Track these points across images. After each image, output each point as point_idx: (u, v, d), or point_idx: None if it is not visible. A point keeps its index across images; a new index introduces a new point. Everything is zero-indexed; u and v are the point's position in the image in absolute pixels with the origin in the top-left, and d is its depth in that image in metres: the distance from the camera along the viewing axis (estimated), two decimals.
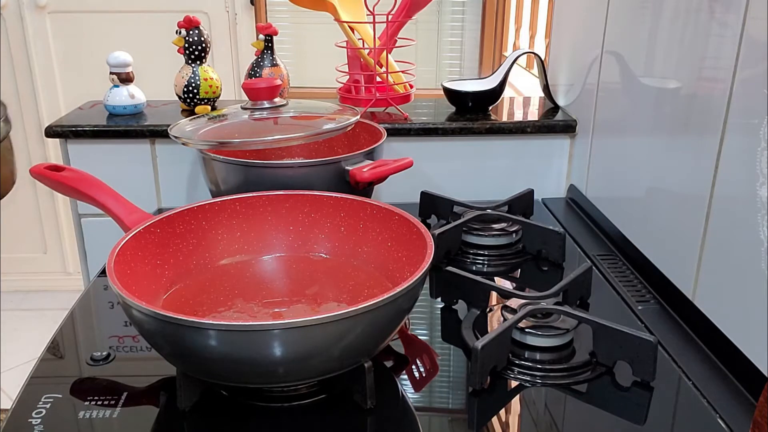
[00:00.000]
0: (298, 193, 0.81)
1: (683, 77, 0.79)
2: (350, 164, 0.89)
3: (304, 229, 0.81)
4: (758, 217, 0.64)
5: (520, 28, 2.45)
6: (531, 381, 0.66)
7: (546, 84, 1.25)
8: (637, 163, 0.91)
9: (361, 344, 0.59)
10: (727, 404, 0.63)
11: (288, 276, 0.78)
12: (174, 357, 0.60)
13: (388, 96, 1.16)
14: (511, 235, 0.93)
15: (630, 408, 0.63)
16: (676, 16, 0.80)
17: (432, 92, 1.59)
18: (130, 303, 0.56)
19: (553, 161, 1.18)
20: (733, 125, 0.68)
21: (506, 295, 0.76)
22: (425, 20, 2.81)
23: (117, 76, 1.16)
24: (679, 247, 0.78)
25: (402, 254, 0.73)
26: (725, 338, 0.69)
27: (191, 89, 1.15)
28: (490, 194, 1.11)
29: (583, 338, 0.70)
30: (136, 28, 2.37)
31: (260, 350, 0.55)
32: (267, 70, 1.19)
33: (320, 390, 0.64)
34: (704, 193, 0.73)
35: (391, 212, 0.75)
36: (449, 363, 0.72)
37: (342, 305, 0.71)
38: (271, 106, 0.89)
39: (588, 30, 1.08)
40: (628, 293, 0.83)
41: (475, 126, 1.14)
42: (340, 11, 1.13)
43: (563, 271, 0.89)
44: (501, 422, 0.63)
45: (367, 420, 0.61)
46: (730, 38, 0.68)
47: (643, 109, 0.89)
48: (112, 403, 0.62)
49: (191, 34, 1.14)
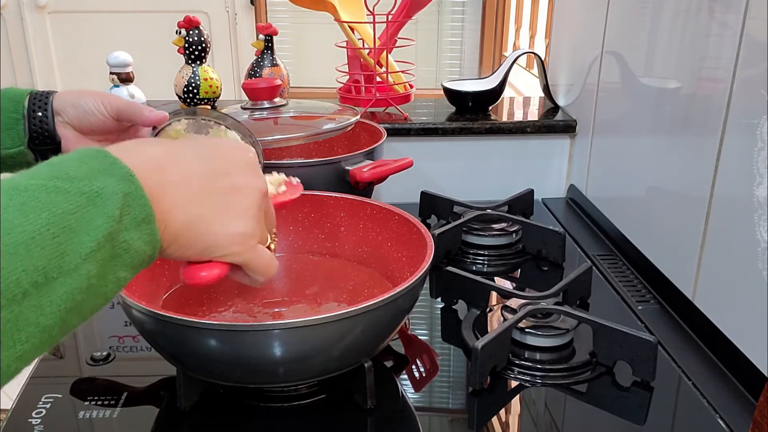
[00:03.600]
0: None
1: (683, 77, 0.79)
2: (350, 164, 0.89)
3: (304, 229, 0.81)
4: (755, 217, 0.64)
5: (520, 28, 2.45)
6: (531, 381, 0.66)
7: (546, 84, 1.25)
8: (637, 163, 0.91)
9: (361, 344, 0.59)
10: (727, 404, 0.63)
11: (288, 276, 0.78)
12: (174, 357, 0.60)
13: (388, 96, 1.16)
14: (511, 235, 0.93)
15: (630, 408, 0.63)
16: (676, 16, 0.80)
17: (432, 92, 1.59)
18: (130, 303, 0.56)
19: (553, 161, 1.18)
20: (733, 125, 0.68)
21: (506, 295, 0.76)
22: (425, 20, 2.81)
23: (117, 76, 1.16)
24: (679, 247, 0.78)
25: (402, 254, 0.73)
26: (725, 338, 0.69)
27: (191, 89, 1.15)
28: (490, 194, 1.11)
29: (583, 338, 0.70)
30: (136, 28, 2.38)
31: (260, 350, 0.55)
32: (267, 70, 1.19)
33: (320, 390, 0.64)
34: (704, 193, 0.73)
35: (391, 212, 0.75)
36: (449, 363, 0.72)
37: (342, 305, 0.71)
38: (271, 106, 0.89)
39: (588, 30, 1.08)
40: (628, 293, 0.83)
41: (475, 126, 1.14)
42: (340, 11, 1.13)
43: (563, 271, 0.89)
44: (501, 422, 0.63)
45: (367, 420, 0.61)
46: (730, 38, 0.68)
47: (643, 109, 0.89)
48: (112, 403, 0.62)
49: (191, 34, 1.14)
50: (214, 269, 0.43)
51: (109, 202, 0.34)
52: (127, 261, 0.36)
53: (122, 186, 0.35)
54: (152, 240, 0.37)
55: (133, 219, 0.36)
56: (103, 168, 0.35)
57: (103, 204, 0.34)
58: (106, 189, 0.34)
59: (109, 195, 0.34)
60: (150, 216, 0.37)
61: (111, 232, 0.34)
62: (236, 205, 0.42)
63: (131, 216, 0.36)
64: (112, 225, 0.34)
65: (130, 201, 0.36)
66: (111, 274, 0.35)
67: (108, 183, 0.35)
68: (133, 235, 0.36)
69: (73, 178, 0.34)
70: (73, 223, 0.33)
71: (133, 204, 0.36)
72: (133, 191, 0.36)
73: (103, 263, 0.34)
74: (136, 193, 0.36)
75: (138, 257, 0.37)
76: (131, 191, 0.36)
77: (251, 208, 0.43)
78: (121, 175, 0.36)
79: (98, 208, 0.34)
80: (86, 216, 0.33)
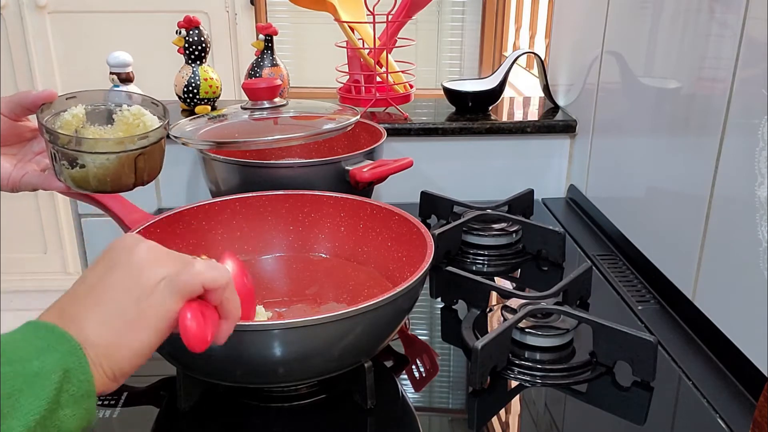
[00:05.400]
0: (298, 193, 0.81)
1: (683, 77, 0.79)
2: (350, 164, 0.89)
3: (304, 229, 0.81)
4: (756, 217, 0.64)
5: (520, 28, 2.45)
6: (531, 381, 0.66)
7: (546, 84, 1.25)
8: (637, 163, 0.91)
9: (361, 344, 0.59)
10: (727, 404, 0.63)
11: (288, 276, 0.78)
12: (174, 357, 0.60)
13: (388, 96, 1.16)
14: (511, 235, 0.93)
15: (630, 408, 0.63)
16: (676, 16, 0.80)
17: (432, 92, 1.59)
18: None
19: (553, 161, 1.18)
20: (733, 125, 0.68)
21: (506, 295, 0.76)
22: (425, 20, 2.81)
23: (117, 76, 1.16)
24: (679, 247, 0.78)
25: (402, 254, 0.73)
26: (725, 338, 0.69)
27: (191, 89, 1.15)
28: (490, 194, 1.11)
29: (583, 338, 0.70)
30: (136, 28, 2.37)
31: (260, 350, 0.55)
32: (267, 70, 1.19)
33: (320, 390, 0.64)
34: (704, 193, 0.73)
35: (391, 212, 0.75)
36: (449, 363, 0.72)
37: (342, 305, 0.71)
38: (271, 106, 0.89)
39: (588, 30, 1.08)
40: (628, 293, 0.83)
41: (475, 126, 1.14)
42: (340, 11, 1.13)
43: (563, 271, 0.89)
44: (501, 422, 0.63)
45: (367, 420, 0.61)
46: (730, 38, 0.68)
47: (643, 109, 0.89)
48: (112, 403, 0.62)
49: (191, 34, 1.14)
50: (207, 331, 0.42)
51: (47, 384, 0.34)
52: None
53: (65, 362, 0.35)
54: (89, 414, 0.37)
55: (71, 396, 0.35)
56: (48, 344, 0.35)
57: (40, 386, 0.33)
58: (45, 368, 0.34)
59: (48, 375, 0.34)
60: (90, 390, 0.36)
61: (44, 414, 0.34)
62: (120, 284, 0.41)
63: (69, 393, 0.35)
64: (46, 407, 0.34)
65: (71, 377, 0.35)
66: None
67: (49, 361, 0.34)
68: (69, 412, 0.35)
69: (13, 361, 0.34)
70: (7, 408, 0.32)
71: (73, 380, 0.35)
72: (76, 367, 0.35)
73: None
74: (80, 368, 0.36)
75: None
76: (74, 367, 0.35)
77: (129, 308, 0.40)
78: (67, 350, 0.35)
79: (34, 390, 0.33)
80: (21, 400, 0.33)
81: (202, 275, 0.42)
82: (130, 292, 0.40)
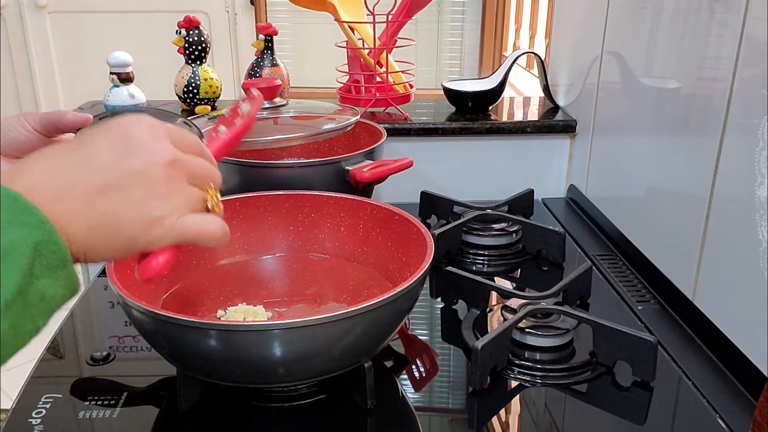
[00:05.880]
0: (298, 193, 0.81)
1: (683, 77, 0.79)
2: (350, 164, 0.89)
3: (304, 229, 0.81)
4: (756, 217, 0.64)
5: (520, 28, 2.45)
6: (531, 381, 0.66)
7: (546, 84, 1.25)
8: (637, 163, 0.91)
9: (361, 344, 0.59)
10: (727, 404, 0.63)
11: (288, 276, 0.78)
12: (174, 357, 0.60)
13: (388, 96, 1.16)
14: (511, 235, 0.93)
15: (630, 408, 0.63)
16: (676, 16, 0.80)
17: (432, 92, 1.59)
18: (130, 303, 0.56)
19: (553, 161, 1.18)
20: (733, 125, 0.68)
21: (506, 295, 0.76)
22: (425, 20, 2.81)
23: (117, 75, 1.16)
24: (679, 247, 0.78)
25: (402, 254, 0.73)
26: (725, 338, 0.69)
27: (191, 89, 1.15)
28: (490, 194, 1.11)
29: (583, 338, 0.70)
30: (136, 28, 2.38)
31: (260, 350, 0.55)
32: (267, 70, 1.19)
33: (320, 390, 0.64)
34: (704, 193, 0.73)
35: (391, 212, 0.75)
36: (449, 363, 0.72)
37: (342, 305, 0.71)
38: (271, 106, 0.89)
39: (588, 30, 1.08)
40: (628, 293, 0.83)
41: (475, 126, 1.14)
42: (340, 11, 1.13)
43: (563, 271, 0.89)
44: (501, 422, 0.63)
45: (367, 420, 0.61)
46: (730, 38, 0.68)
47: (643, 109, 0.89)
48: (112, 403, 0.62)
49: (191, 34, 1.14)
50: (159, 257, 0.42)
51: (17, 258, 0.33)
52: (44, 308, 0.35)
53: (34, 236, 0.34)
54: (69, 282, 0.37)
55: (45, 267, 0.35)
56: (14, 216, 0.34)
57: (11, 261, 0.33)
58: (15, 243, 0.33)
59: (18, 249, 0.34)
60: (65, 260, 0.36)
61: (21, 288, 0.33)
62: (136, 191, 0.40)
63: (43, 265, 0.35)
64: (21, 280, 0.33)
65: (42, 249, 0.35)
66: (28, 326, 0.34)
67: (17, 235, 0.34)
68: (46, 282, 0.35)
69: None
70: None
71: (45, 252, 0.35)
72: (46, 239, 0.35)
73: (17, 318, 0.33)
74: (49, 239, 0.35)
75: (55, 302, 0.36)
76: (43, 239, 0.35)
77: (155, 187, 0.40)
78: (33, 224, 0.35)
79: (6, 265, 0.33)
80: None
81: (200, 234, 0.43)
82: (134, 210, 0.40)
